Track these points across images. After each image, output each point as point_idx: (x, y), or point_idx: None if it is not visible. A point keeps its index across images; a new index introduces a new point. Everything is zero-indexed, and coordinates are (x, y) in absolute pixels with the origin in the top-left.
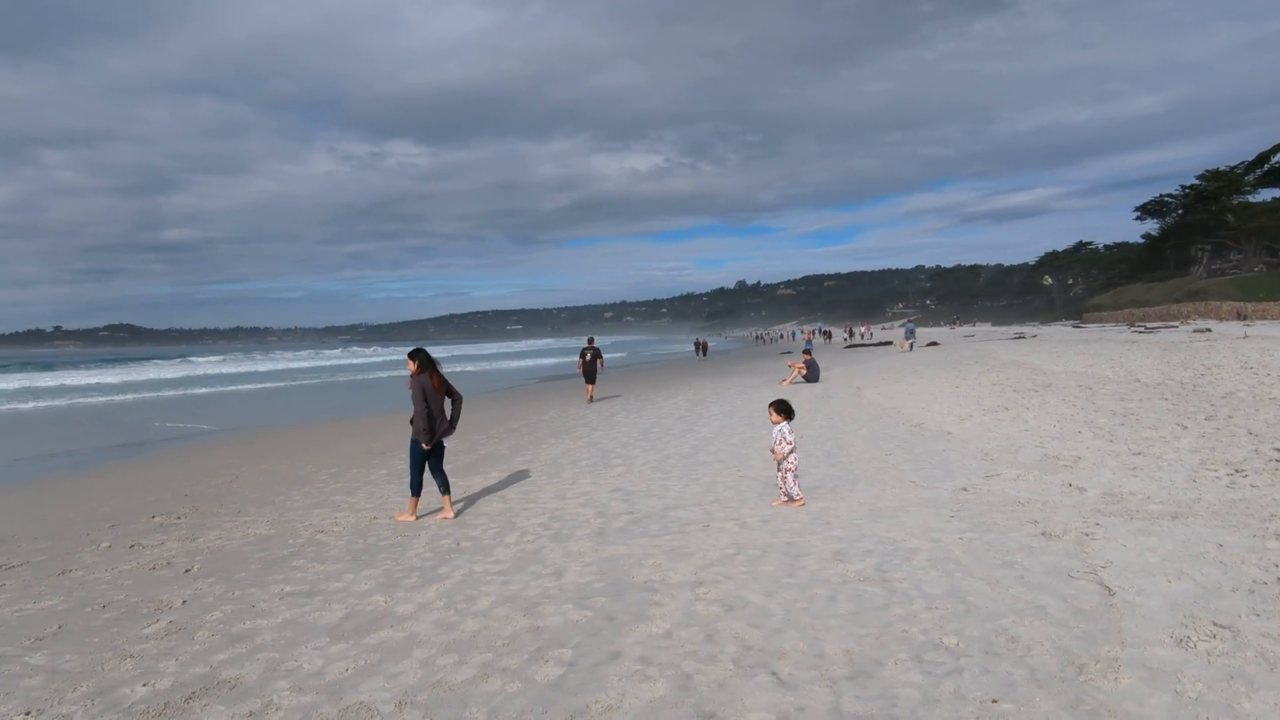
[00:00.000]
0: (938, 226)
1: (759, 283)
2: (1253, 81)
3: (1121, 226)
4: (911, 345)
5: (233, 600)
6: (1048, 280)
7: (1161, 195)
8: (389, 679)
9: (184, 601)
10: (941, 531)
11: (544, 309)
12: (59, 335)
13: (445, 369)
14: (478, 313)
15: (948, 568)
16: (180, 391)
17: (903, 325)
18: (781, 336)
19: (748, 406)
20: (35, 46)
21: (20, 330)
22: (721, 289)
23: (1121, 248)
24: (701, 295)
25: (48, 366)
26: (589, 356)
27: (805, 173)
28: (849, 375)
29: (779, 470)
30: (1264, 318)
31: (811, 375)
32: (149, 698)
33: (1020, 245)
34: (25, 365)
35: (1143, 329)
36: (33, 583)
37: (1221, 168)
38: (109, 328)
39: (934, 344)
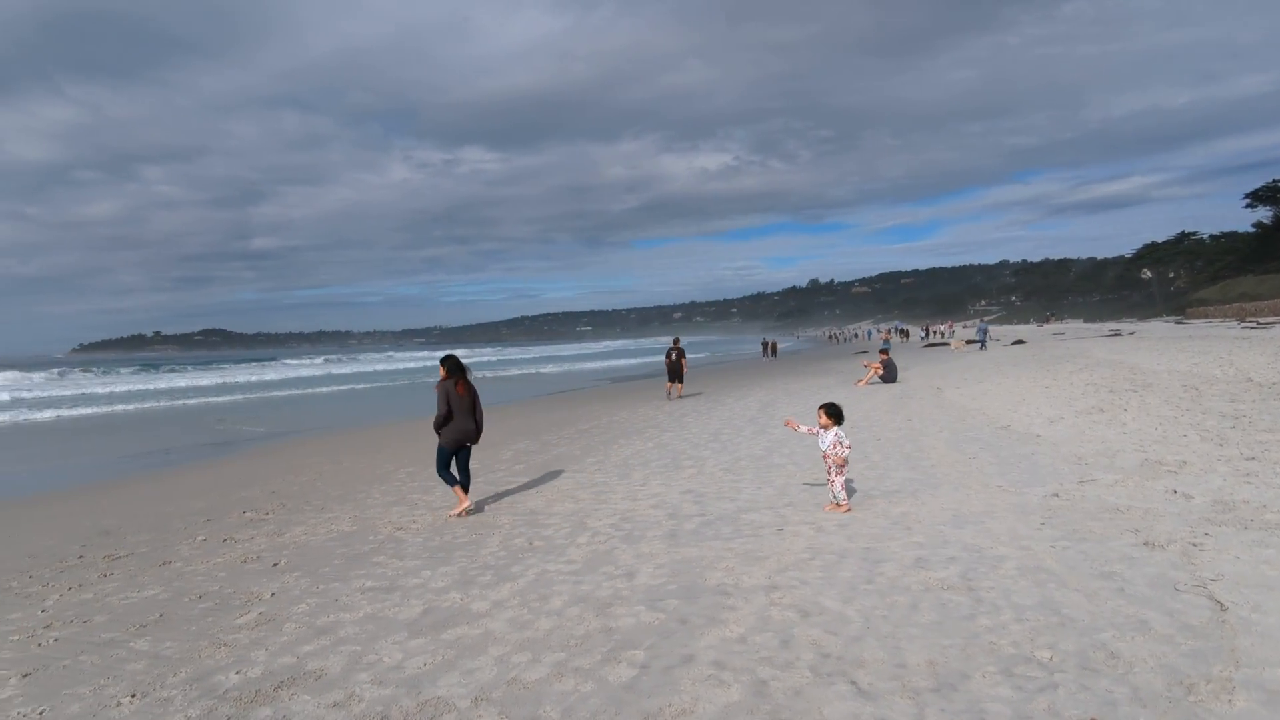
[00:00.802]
0: (1024, 219)
1: (833, 281)
2: None
3: (1229, 215)
4: (982, 345)
5: (317, 594)
6: (1146, 274)
7: (1275, 180)
8: (465, 675)
9: (272, 594)
10: (1032, 539)
11: (613, 310)
12: (158, 340)
13: (520, 370)
14: (548, 314)
15: (1039, 577)
16: (271, 394)
17: (975, 325)
18: (856, 336)
19: None
20: (137, 70)
21: (125, 335)
22: (794, 288)
23: (1229, 238)
24: (773, 294)
25: (154, 367)
26: (674, 356)
27: (881, 167)
28: (929, 375)
29: (832, 475)
30: None
31: (889, 375)
32: (241, 685)
33: (1115, 237)
34: (140, 367)
35: (1255, 324)
36: (137, 573)
37: None
38: (203, 332)
39: (1020, 342)
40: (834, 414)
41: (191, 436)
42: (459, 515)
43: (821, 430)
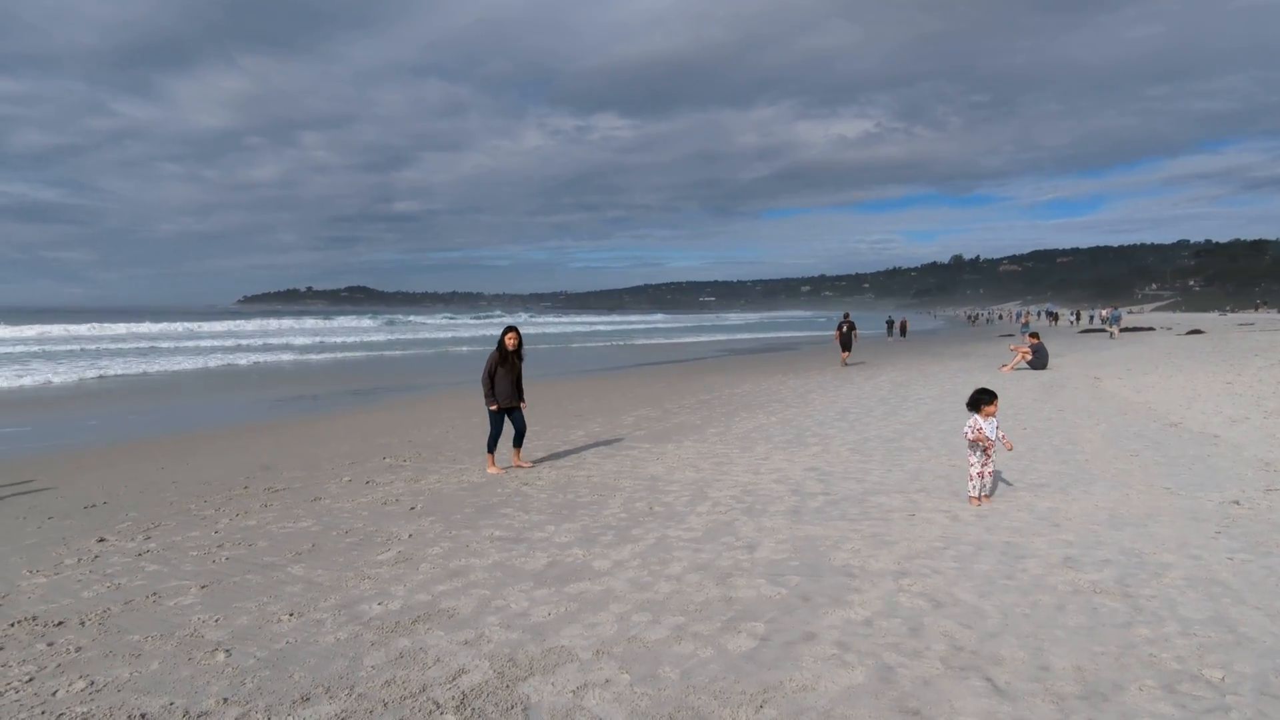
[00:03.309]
0: (1211, 194)
1: (978, 258)
2: None
3: None
4: (1115, 332)
5: (450, 539)
6: None
7: None
8: (587, 628)
9: (410, 535)
10: (1203, 549)
11: (738, 281)
12: (310, 295)
13: (646, 341)
14: (671, 284)
15: (1211, 590)
16: (409, 351)
17: (1109, 312)
18: (1000, 317)
19: (960, 392)
20: (297, 40)
21: (281, 289)
22: (934, 263)
23: None
24: (910, 270)
25: (327, 317)
26: (845, 328)
27: (1040, 135)
28: (1085, 363)
29: (988, 465)
30: None
31: (1038, 361)
32: (383, 615)
33: None
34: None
35: None
36: (292, 505)
37: None
38: (348, 289)
39: (1197, 332)
40: (994, 400)
41: (339, 385)
42: (493, 471)
43: (983, 419)
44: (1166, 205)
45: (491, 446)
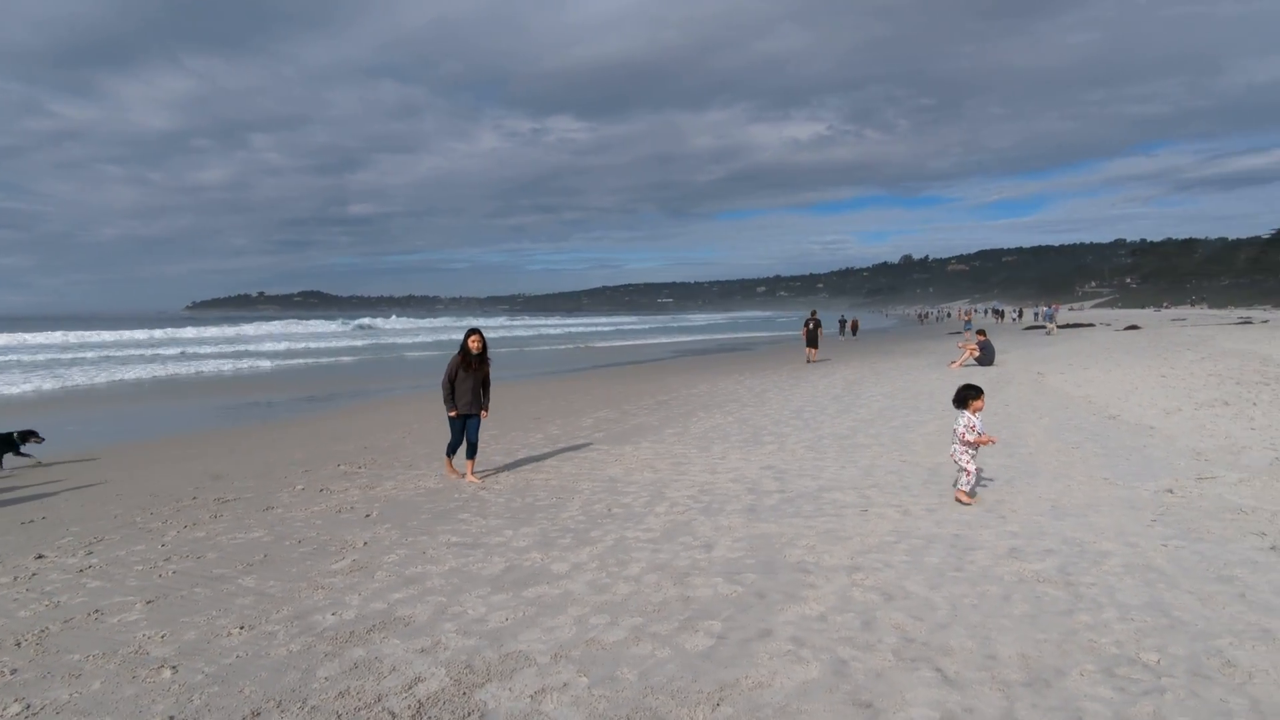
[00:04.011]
0: (1146, 195)
1: (927, 257)
2: None
3: None
4: (1052, 329)
5: (406, 545)
6: None
7: None
8: (545, 632)
9: (365, 543)
10: (1140, 536)
11: (695, 282)
12: (262, 300)
13: (605, 343)
14: (630, 285)
15: (1147, 576)
16: (363, 357)
17: (1041, 310)
18: (949, 315)
19: (911, 389)
20: (247, 40)
21: (232, 294)
22: (885, 263)
23: None
24: (862, 270)
25: (280, 321)
26: (812, 325)
27: (986, 137)
28: (1029, 359)
29: (973, 462)
30: None
31: (985, 358)
32: (337, 625)
33: (1251, 216)
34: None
35: None
36: (244, 516)
37: None
38: (302, 294)
39: (1134, 328)
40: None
41: (291, 391)
42: (452, 477)
43: (973, 415)
44: (1105, 205)
45: (451, 452)
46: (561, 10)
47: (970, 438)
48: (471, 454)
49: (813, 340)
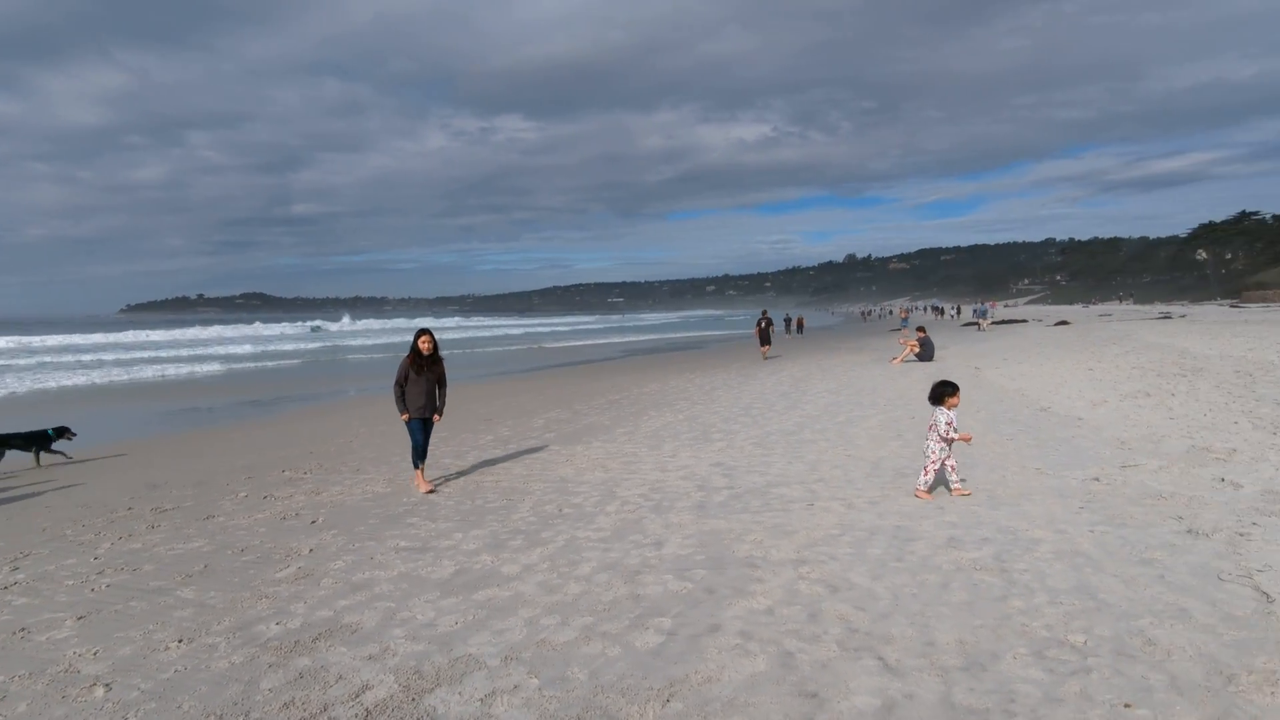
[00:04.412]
0: (1073, 196)
1: (870, 256)
2: None
3: None
4: (984, 325)
5: (353, 551)
6: (1202, 255)
7: None
8: (495, 634)
9: (311, 550)
10: (1069, 523)
11: (645, 282)
12: (201, 302)
13: (558, 343)
14: (581, 285)
15: (1075, 561)
16: (311, 360)
17: (976, 307)
18: (891, 313)
19: (855, 385)
20: (185, 35)
21: (170, 297)
22: (830, 263)
23: None
24: (808, 269)
25: (206, 324)
26: (764, 324)
27: (924, 140)
28: (966, 354)
29: (948, 458)
30: None
31: (925, 354)
32: (282, 635)
33: (1170, 216)
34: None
35: None
36: (183, 525)
37: None
38: (244, 296)
39: (1064, 323)
40: (956, 392)
41: (234, 396)
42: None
43: (949, 411)
44: (1036, 206)
45: (417, 461)
46: (509, 9)
47: (952, 434)
48: (421, 460)
49: (765, 338)
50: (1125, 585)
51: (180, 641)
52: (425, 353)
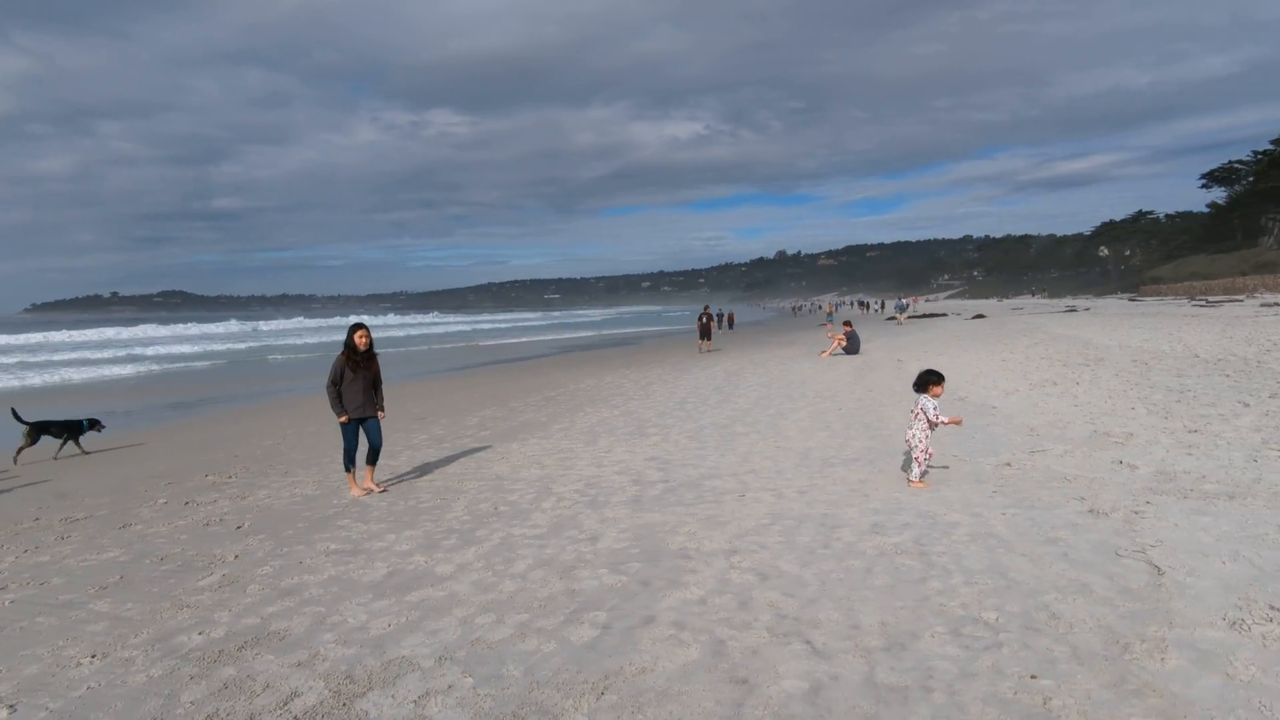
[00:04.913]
0: (988, 195)
1: (799, 253)
2: None
3: (1185, 195)
4: (901, 319)
5: (281, 556)
6: (1104, 251)
7: (1231, 162)
8: (429, 635)
9: (236, 556)
10: (983, 506)
11: (581, 278)
12: (116, 300)
13: (493, 340)
14: (516, 281)
15: (989, 543)
16: (236, 360)
17: (896, 302)
18: (820, 307)
19: (785, 378)
20: (94, 18)
21: (80, 295)
22: (761, 259)
23: (1184, 217)
24: (740, 265)
25: (129, 324)
26: (705, 320)
27: (849, 140)
28: (890, 347)
29: (926, 448)
30: None
31: (852, 347)
32: (204, 645)
33: (1075, 215)
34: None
35: (1204, 302)
36: (96, 535)
37: None
38: (163, 294)
39: (980, 317)
40: (941, 381)
41: (154, 398)
42: (355, 493)
43: (932, 399)
44: (954, 204)
45: (349, 464)
46: (439, 1)
47: (943, 419)
48: (373, 459)
49: (706, 333)
50: (1033, 564)
51: (93, 657)
52: (362, 349)
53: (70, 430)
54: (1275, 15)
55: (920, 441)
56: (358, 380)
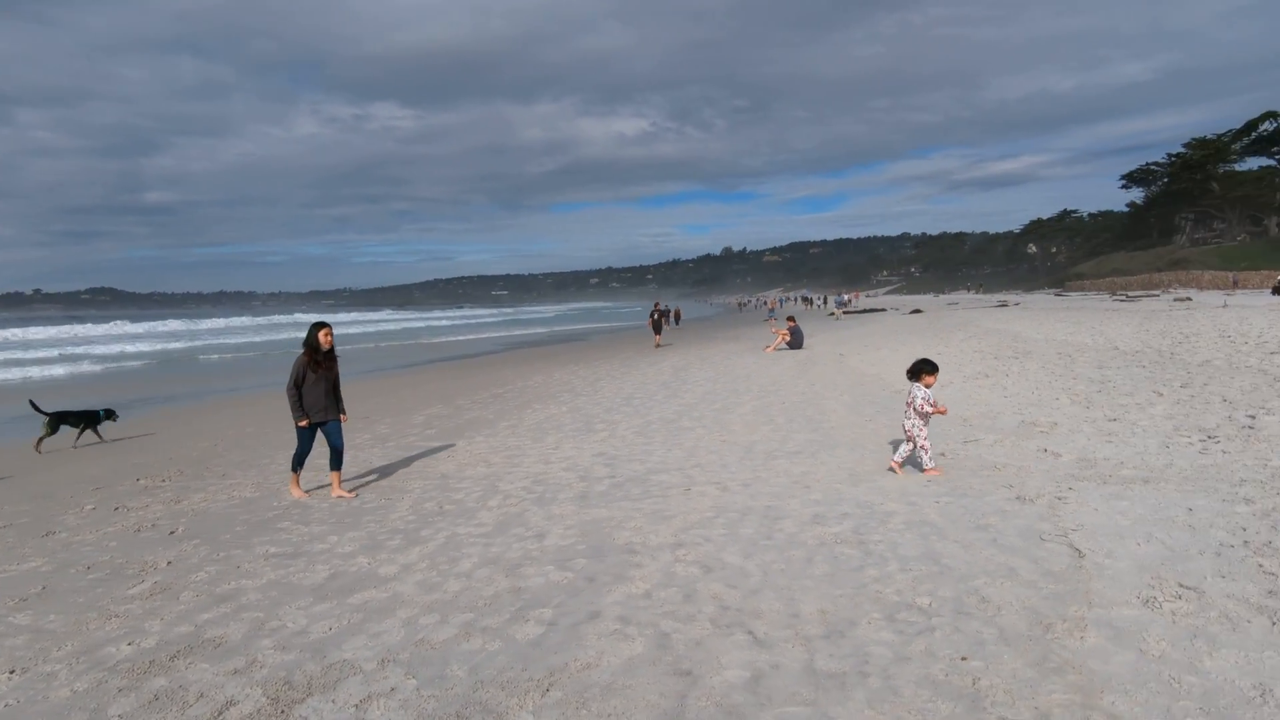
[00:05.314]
0: (925, 193)
1: (745, 249)
2: (1242, 49)
3: (1107, 195)
4: (839, 314)
5: (218, 561)
6: (1032, 248)
7: (1147, 164)
8: (372, 638)
9: (169, 563)
10: (919, 495)
11: (529, 274)
12: (39, 299)
13: (440, 337)
14: (463, 278)
15: (923, 531)
16: (171, 359)
17: (834, 297)
18: (765, 303)
19: (731, 373)
20: (11, 4)
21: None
22: (708, 255)
23: (1106, 216)
24: (688, 261)
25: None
26: (657, 315)
27: (792, 139)
28: (832, 342)
29: (924, 437)
30: (1243, 287)
31: (795, 342)
32: (134, 656)
33: (1007, 213)
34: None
35: (1124, 297)
36: (16, 545)
37: (1208, 136)
38: (90, 291)
39: (918, 311)
40: (935, 371)
41: (89, 400)
42: (297, 495)
43: (925, 388)
44: (893, 202)
45: (297, 465)
46: None
47: (929, 408)
48: (338, 464)
49: (658, 328)
50: (964, 549)
51: (12, 673)
52: (325, 348)
53: (88, 419)
54: (1189, 25)
55: (920, 430)
56: (320, 382)
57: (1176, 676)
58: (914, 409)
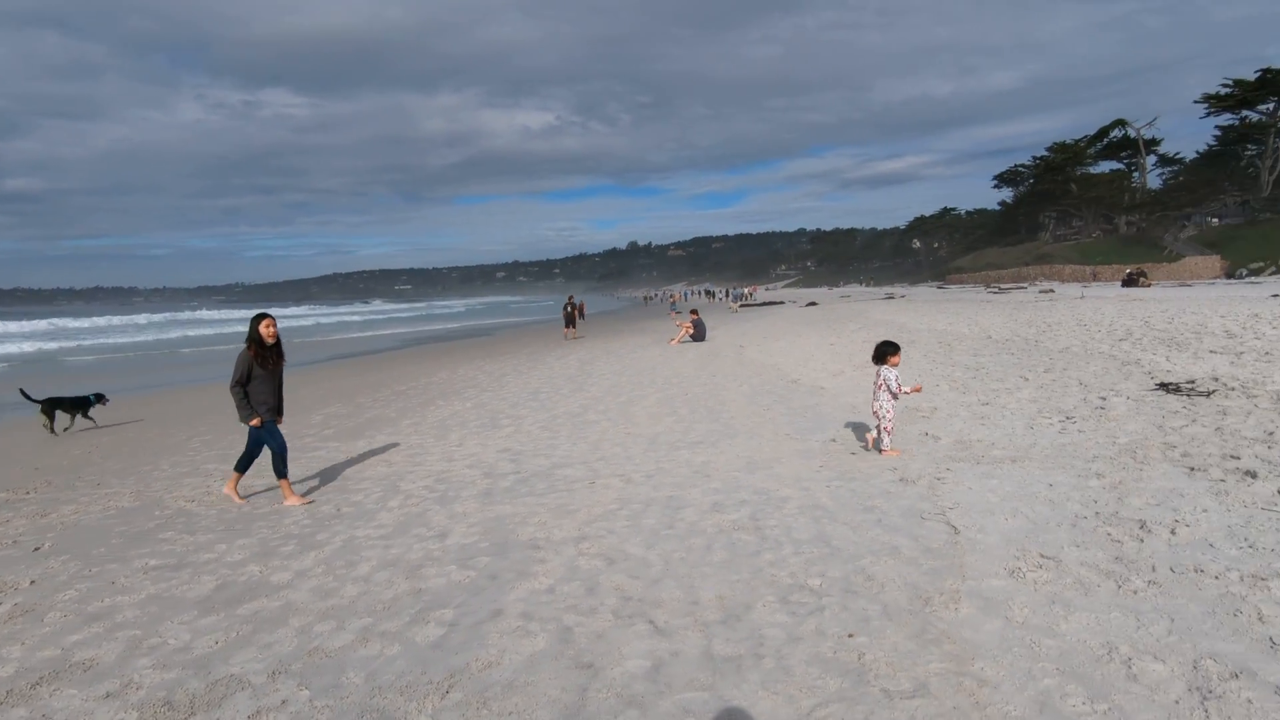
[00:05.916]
0: (819, 191)
1: (650, 244)
2: (1098, 61)
3: (983, 194)
4: (735, 308)
5: (89, 578)
6: (916, 244)
7: (1015, 166)
8: (262, 649)
9: (32, 582)
10: (811, 481)
11: (434, 268)
12: None
13: (340, 334)
14: (364, 272)
15: (815, 514)
16: (34, 361)
17: (731, 291)
18: (671, 297)
19: (637, 365)
20: None
21: None
22: (614, 249)
23: (981, 214)
24: (594, 255)
25: None
26: (569, 308)
27: (694, 135)
28: (733, 334)
29: (890, 419)
30: (1100, 279)
31: (698, 335)
32: None
33: (894, 210)
34: None
35: (997, 290)
36: None
37: (1068, 141)
38: None
39: (813, 304)
40: (898, 351)
41: None
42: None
43: (891, 370)
44: (789, 199)
45: (242, 467)
46: None
47: (905, 389)
48: (282, 469)
49: (570, 321)
50: (853, 531)
51: None
52: (270, 341)
53: (79, 405)
54: (1051, 37)
55: (888, 412)
56: (267, 378)
57: (1036, 640)
58: (887, 390)
